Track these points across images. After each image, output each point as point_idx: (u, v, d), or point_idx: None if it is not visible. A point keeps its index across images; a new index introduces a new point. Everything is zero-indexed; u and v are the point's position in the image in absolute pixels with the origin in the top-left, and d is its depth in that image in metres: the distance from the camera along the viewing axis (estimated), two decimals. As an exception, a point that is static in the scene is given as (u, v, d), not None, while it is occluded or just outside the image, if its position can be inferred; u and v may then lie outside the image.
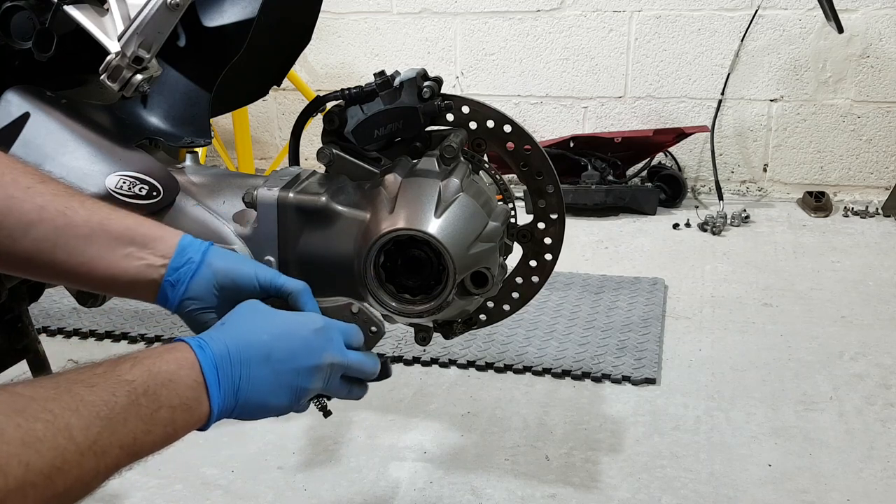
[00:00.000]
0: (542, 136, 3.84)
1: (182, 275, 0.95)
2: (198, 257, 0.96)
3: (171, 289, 0.95)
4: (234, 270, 0.98)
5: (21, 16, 1.34)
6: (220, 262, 0.98)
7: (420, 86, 1.27)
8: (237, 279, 0.97)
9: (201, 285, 0.96)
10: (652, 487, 1.69)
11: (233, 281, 0.97)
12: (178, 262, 0.96)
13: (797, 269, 2.87)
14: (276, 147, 4.27)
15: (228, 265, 0.98)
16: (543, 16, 3.77)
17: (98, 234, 0.93)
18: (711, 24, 3.61)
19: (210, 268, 0.96)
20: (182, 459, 1.82)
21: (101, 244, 0.93)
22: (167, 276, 0.95)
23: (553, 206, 1.33)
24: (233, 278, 0.97)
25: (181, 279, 0.95)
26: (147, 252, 0.95)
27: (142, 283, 0.95)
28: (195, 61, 1.50)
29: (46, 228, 0.90)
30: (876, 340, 2.30)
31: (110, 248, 0.94)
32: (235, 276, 0.97)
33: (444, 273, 1.19)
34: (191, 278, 0.96)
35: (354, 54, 4.04)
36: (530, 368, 2.16)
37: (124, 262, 0.94)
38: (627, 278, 2.77)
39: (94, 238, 0.93)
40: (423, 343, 1.36)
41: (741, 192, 3.81)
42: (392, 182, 1.23)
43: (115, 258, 0.94)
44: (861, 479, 1.70)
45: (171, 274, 0.95)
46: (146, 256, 0.95)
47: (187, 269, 0.95)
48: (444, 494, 1.69)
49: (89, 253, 0.93)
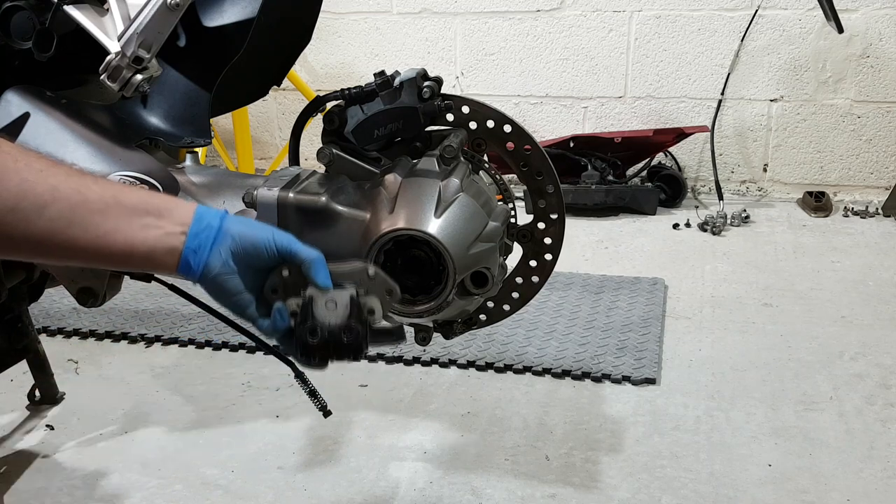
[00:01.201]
0: (542, 136, 3.84)
1: (203, 241, 0.95)
2: (216, 223, 0.96)
3: (194, 255, 0.95)
4: (254, 235, 0.98)
5: (21, 16, 1.34)
6: (239, 226, 0.98)
7: (420, 86, 1.27)
8: (256, 243, 0.98)
9: (223, 250, 0.96)
10: (652, 487, 1.69)
11: (253, 245, 0.98)
12: (198, 228, 0.95)
13: (797, 269, 2.87)
14: (276, 147, 4.27)
15: (247, 230, 0.98)
16: (543, 16, 3.77)
17: (113, 208, 0.92)
18: (711, 24, 3.61)
19: (229, 233, 0.97)
20: (182, 459, 1.82)
21: (116, 217, 0.92)
22: (188, 244, 0.94)
23: (553, 206, 1.33)
24: (252, 242, 0.98)
25: (202, 245, 0.95)
26: (164, 221, 0.94)
27: (160, 251, 0.94)
28: (195, 61, 1.50)
29: (61, 207, 0.90)
30: (876, 340, 2.30)
31: (126, 220, 0.93)
32: (255, 241, 0.98)
33: (444, 273, 1.19)
34: (213, 244, 0.95)
35: (354, 54, 4.04)
36: (530, 368, 2.16)
37: (142, 233, 0.93)
38: (627, 278, 2.77)
39: (110, 212, 0.92)
40: (423, 343, 1.36)
41: (741, 192, 3.81)
42: (392, 182, 1.22)
43: (131, 230, 0.93)
44: (861, 479, 1.70)
45: (192, 241, 0.94)
46: (164, 225, 0.94)
47: (207, 236, 0.95)
48: (444, 494, 1.68)
49: (105, 226, 0.92)
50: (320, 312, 0.99)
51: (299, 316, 0.99)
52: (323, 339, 0.98)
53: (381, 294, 1.04)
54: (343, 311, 0.99)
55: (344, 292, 1.00)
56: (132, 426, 1.96)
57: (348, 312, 0.99)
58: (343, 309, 0.99)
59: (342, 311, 0.99)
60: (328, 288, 1.00)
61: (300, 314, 0.99)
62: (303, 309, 0.99)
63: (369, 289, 1.04)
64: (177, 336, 2.37)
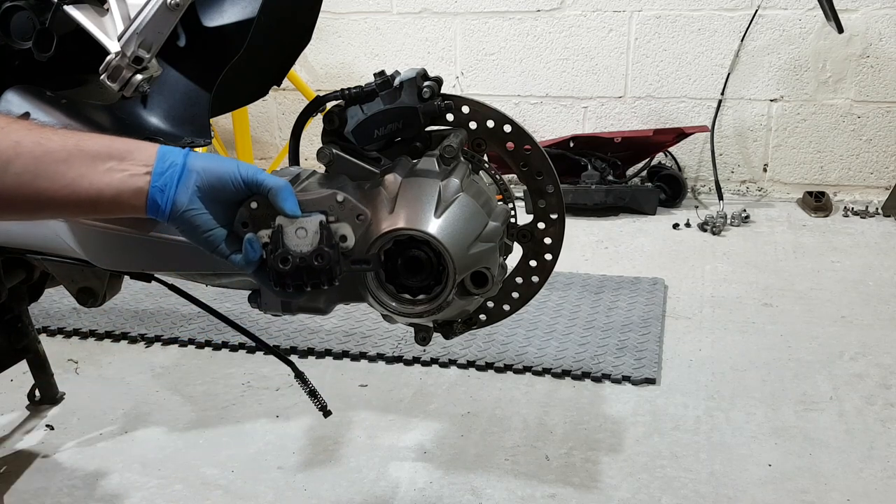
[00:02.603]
0: (542, 136, 3.84)
1: (168, 179, 0.96)
2: (180, 160, 0.97)
3: (161, 194, 0.96)
4: (218, 168, 0.99)
5: (21, 16, 1.33)
6: (203, 162, 0.98)
7: (420, 86, 1.27)
8: (222, 176, 0.98)
9: (189, 187, 0.97)
10: (652, 487, 1.69)
11: (218, 178, 0.98)
12: (162, 167, 0.96)
13: (797, 269, 2.87)
14: (276, 147, 4.27)
15: (211, 164, 0.99)
16: (543, 16, 3.77)
17: (76, 156, 0.94)
18: (711, 24, 3.61)
19: (194, 169, 0.97)
20: (182, 459, 1.82)
21: (80, 164, 0.94)
22: (154, 183, 0.95)
23: (553, 206, 1.33)
24: (217, 175, 0.98)
25: (168, 183, 0.96)
26: (128, 163, 0.95)
27: (127, 193, 0.95)
28: (195, 61, 1.49)
29: (25, 160, 0.91)
30: (876, 340, 2.30)
31: (91, 166, 0.94)
32: (220, 173, 0.98)
33: (444, 273, 1.19)
34: (178, 181, 0.96)
35: (354, 54, 4.04)
36: (530, 368, 2.16)
37: (107, 177, 0.94)
38: (627, 278, 2.77)
39: (73, 160, 0.93)
40: (423, 343, 1.36)
41: (741, 192, 3.81)
42: (392, 182, 1.22)
43: (96, 175, 0.94)
44: (861, 479, 1.70)
45: (157, 179, 0.95)
46: (128, 167, 0.95)
47: (172, 173, 0.96)
48: (444, 494, 1.68)
49: (70, 175, 0.93)
50: (290, 240, 1.00)
51: (270, 245, 1.00)
52: (294, 265, 0.99)
53: (352, 220, 1.05)
54: (313, 238, 1.00)
55: (313, 218, 1.01)
56: (132, 426, 1.96)
57: (318, 238, 1.00)
58: (313, 235, 1.00)
59: (312, 237, 1.00)
60: (297, 216, 1.01)
61: (271, 243, 1.00)
62: (273, 238, 1.00)
63: (339, 216, 1.05)
64: (177, 336, 2.38)
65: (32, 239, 1.45)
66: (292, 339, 2.34)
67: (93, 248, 1.39)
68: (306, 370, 1.26)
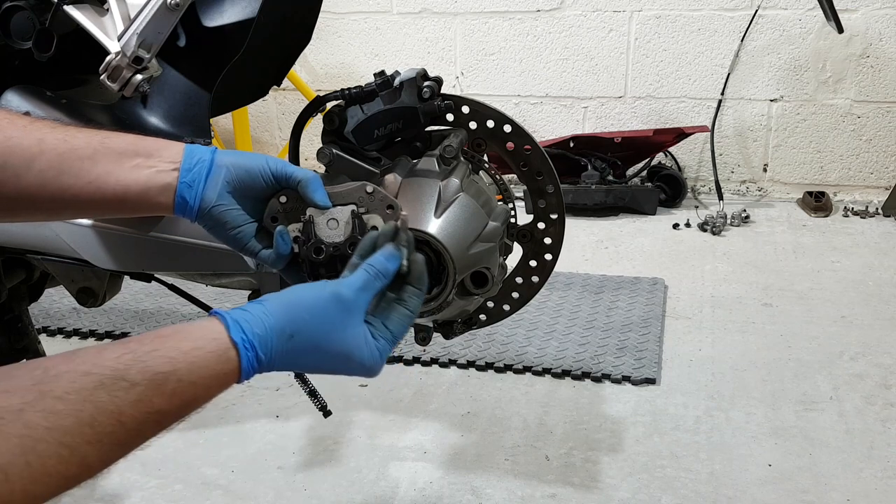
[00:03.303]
0: (542, 136, 3.84)
1: (196, 174, 0.94)
2: (208, 156, 0.95)
3: (189, 190, 0.94)
4: (247, 162, 0.97)
5: (21, 16, 1.33)
6: (231, 157, 0.97)
7: (420, 86, 1.27)
8: (250, 170, 0.96)
9: (218, 182, 0.95)
10: (652, 487, 1.69)
11: (247, 172, 0.96)
12: (190, 163, 0.94)
13: (797, 269, 2.87)
14: (276, 147, 4.27)
15: (240, 159, 0.97)
16: (543, 16, 3.77)
17: (101, 153, 0.92)
18: (711, 24, 3.61)
19: (222, 164, 0.96)
20: (182, 459, 1.82)
21: (106, 161, 0.92)
22: (182, 178, 0.93)
23: (553, 206, 1.33)
24: (246, 169, 0.96)
25: (197, 178, 0.94)
26: (155, 160, 0.93)
27: (155, 189, 0.93)
28: (195, 61, 1.49)
29: (49, 157, 0.89)
30: (876, 340, 2.30)
31: (117, 163, 0.92)
32: (248, 167, 0.96)
33: (443, 273, 1.19)
34: (207, 176, 0.94)
35: (354, 54, 4.04)
36: (530, 368, 2.16)
37: (134, 173, 0.92)
38: (627, 278, 2.77)
39: (98, 157, 0.91)
40: (423, 343, 1.36)
41: (741, 192, 3.81)
42: (392, 182, 1.22)
43: (123, 171, 0.92)
44: (861, 479, 1.70)
45: (186, 175, 0.93)
46: (155, 164, 0.93)
47: (200, 169, 0.94)
48: (444, 494, 1.68)
49: (96, 171, 0.91)
50: (322, 231, 0.99)
51: (302, 237, 0.99)
52: (328, 255, 0.98)
53: (382, 211, 1.04)
54: (345, 228, 0.99)
55: (344, 209, 1.00)
56: (132, 426, 1.95)
57: (350, 228, 0.99)
58: (344, 226, 0.99)
59: (344, 227, 0.99)
60: (328, 207, 0.99)
61: (303, 235, 0.98)
62: (304, 230, 0.98)
63: (369, 207, 1.04)
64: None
65: (32, 239, 1.45)
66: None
67: (93, 248, 1.39)
68: (306, 370, 1.27)
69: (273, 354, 0.81)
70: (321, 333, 0.83)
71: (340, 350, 0.84)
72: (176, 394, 0.75)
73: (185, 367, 0.76)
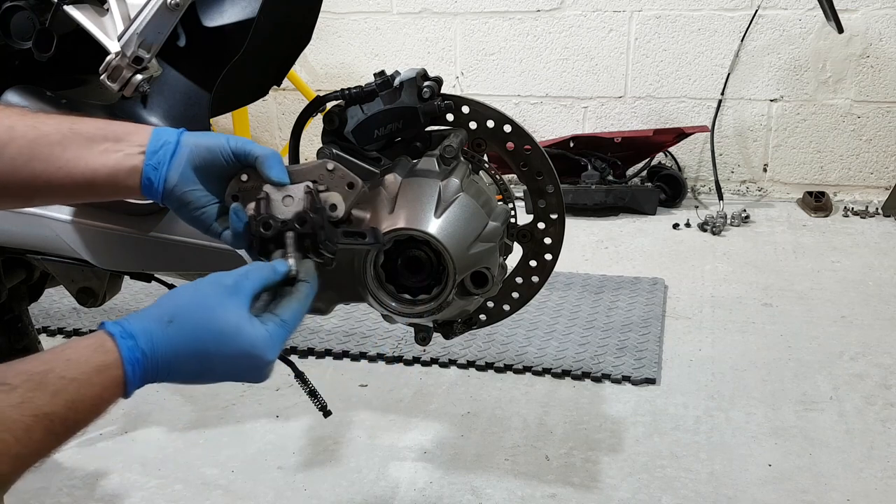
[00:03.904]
0: (542, 136, 3.84)
1: (161, 157, 0.96)
2: (173, 138, 0.97)
3: (154, 172, 0.96)
4: (208, 141, 0.98)
5: (21, 16, 1.33)
6: (195, 137, 0.99)
7: (420, 86, 1.27)
8: (211, 147, 0.98)
9: (181, 163, 0.97)
10: (652, 487, 1.69)
11: (208, 150, 0.98)
12: (156, 145, 0.96)
13: (797, 269, 2.87)
14: (276, 147, 4.27)
15: (202, 139, 0.99)
16: (543, 16, 3.77)
17: (70, 139, 0.94)
18: (711, 24, 3.61)
19: (186, 146, 0.97)
20: (182, 459, 1.82)
21: (75, 146, 0.94)
22: (147, 161, 0.96)
23: (553, 206, 1.33)
24: (207, 148, 0.98)
25: (161, 161, 0.96)
26: (123, 144, 0.96)
27: (122, 172, 0.95)
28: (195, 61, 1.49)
29: (20, 144, 0.91)
30: (876, 340, 2.30)
31: (86, 148, 0.94)
32: (210, 145, 0.98)
33: (444, 273, 1.19)
34: (171, 158, 0.96)
35: (354, 54, 4.04)
36: (530, 368, 2.16)
37: (102, 158, 0.94)
38: (627, 278, 2.77)
39: (68, 142, 0.94)
40: (423, 343, 1.36)
41: (741, 192, 3.81)
42: (392, 182, 1.22)
43: (91, 156, 0.94)
44: (861, 479, 1.70)
45: (151, 158, 0.96)
46: (123, 148, 0.96)
47: (165, 151, 0.96)
48: (444, 494, 1.68)
49: (65, 156, 0.93)
50: (277, 208, 0.98)
51: (255, 212, 0.98)
52: (276, 230, 0.97)
53: (342, 188, 1.04)
54: (299, 205, 0.99)
55: (300, 186, 1.00)
56: (132, 426, 1.96)
57: (304, 204, 0.99)
58: (299, 202, 0.99)
59: (298, 204, 0.99)
60: (284, 183, 0.99)
61: (255, 211, 0.98)
62: (257, 205, 0.98)
63: (329, 184, 1.04)
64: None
65: (32, 239, 1.45)
66: (292, 339, 2.34)
67: (93, 247, 1.39)
68: (306, 370, 1.26)
69: (155, 341, 0.81)
70: (201, 311, 0.84)
71: (224, 328, 0.83)
72: (58, 393, 0.75)
73: (62, 364, 0.77)
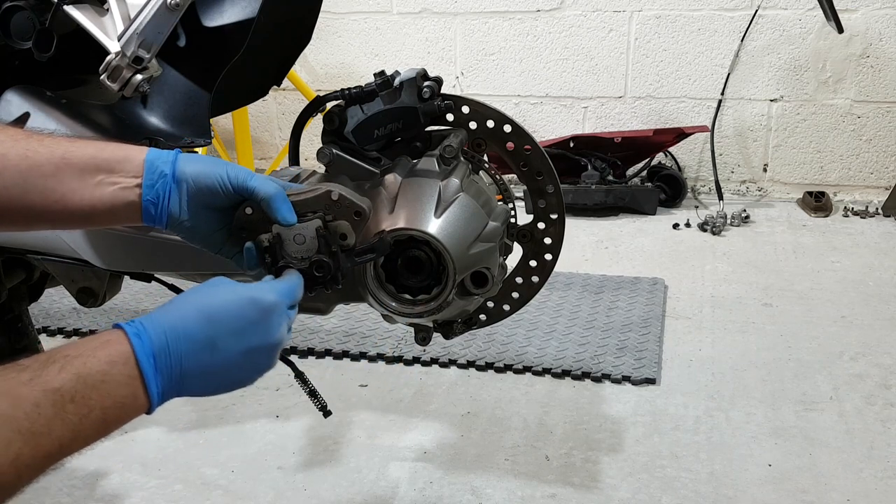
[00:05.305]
0: (542, 136, 3.84)
1: (159, 191, 0.95)
2: (168, 169, 0.95)
3: (154, 207, 0.95)
4: (206, 178, 0.97)
5: (21, 16, 1.33)
6: (192, 168, 0.97)
7: (420, 86, 1.27)
8: (211, 186, 0.97)
9: (181, 197, 0.96)
10: (652, 487, 1.69)
11: (208, 188, 0.97)
12: (151, 178, 0.95)
13: (797, 269, 2.87)
14: (276, 147, 4.27)
15: (201, 173, 0.97)
16: (543, 16, 3.77)
17: (63, 170, 0.92)
18: (711, 24, 3.61)
19: (183, 179, 0.96)
20: (182, 459, 1.82)
21: (69, 179, 0.92)
22: (145, 196, 0.94)
23: (553, 206, 1.33)
24: (208, 185, 0.97)
25: (160, 195, 0.95)
26: (117, 176, 0.94)
27: (121, 207, 0.94)
28: (195, 61, 1.49)
29: (13, 174, 0.90)
30: (876, 340, 2.30)
31: (80, 180, 0.93)
32: (209, 183, 0.97)
33: (444, 273, 1.19)
34: (169, 193, 0.95)
35: (354, 54, 4.04)
36: (530, 368, 2.16)
37: (98, 191, 0.93)
38: (627, 278, 2.77)
39: (61, 174, 0.92)
40: (423, 343, 1.36)
41: (741, 192, 3.81)
42: (392, 182, 1.22)
43: (87, 189, 0.93)
44: (861, 479, 1.70)
45: (148, 193, 0.94)
46: (118, 180, 0.94)
47: (163, 185, 0.95)
48: (444, 494, 1.68)
49: (61, 190, 0.92)
50: (289, 249, 1.00)
51: (269, 256, 1.00)
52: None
53: (350, 217, 1.05)
54: (311, 244, 1.00)
55: (310, 224, 1.01)
56: (132, 426, 1.95)
57: (316, 246, 1.00)
58: (311, 242, 1.00)
59: (310, 242, 1.00)
60: (293, 224, 1.00)
61: (269, 254, 1.00)
62: (271, 249, 0.99)
63: (336, 214, 1.05)
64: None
65: (32, 239, 1.45)
66: (292, 339, 2.34)
67: (92, 247, 1.39)
68: (306, 370, 1.26)
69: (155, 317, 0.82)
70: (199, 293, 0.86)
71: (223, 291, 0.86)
72: (65, 367, 0.77)
73: (69, 347, 0.80)
